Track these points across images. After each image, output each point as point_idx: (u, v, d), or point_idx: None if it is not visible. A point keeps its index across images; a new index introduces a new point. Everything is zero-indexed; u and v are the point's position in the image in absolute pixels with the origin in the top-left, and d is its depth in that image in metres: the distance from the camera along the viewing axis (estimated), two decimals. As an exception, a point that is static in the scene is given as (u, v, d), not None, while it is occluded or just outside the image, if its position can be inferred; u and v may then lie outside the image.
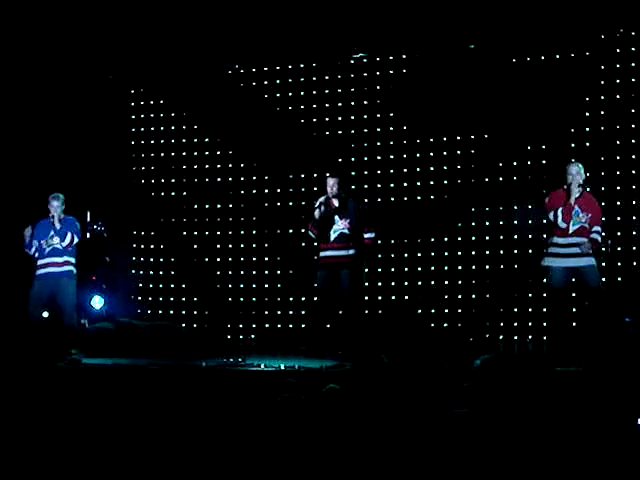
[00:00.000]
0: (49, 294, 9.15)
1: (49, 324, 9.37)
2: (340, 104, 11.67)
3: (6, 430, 5.18)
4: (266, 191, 11.92)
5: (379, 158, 11.45)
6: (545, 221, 8.50)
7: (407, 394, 5.22)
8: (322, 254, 9.16)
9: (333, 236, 9.08)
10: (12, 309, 10.13)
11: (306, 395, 4.77)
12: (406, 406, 4.93)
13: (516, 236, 10.77)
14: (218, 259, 12.06)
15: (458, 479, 4.14)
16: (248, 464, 4.40)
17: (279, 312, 11.70)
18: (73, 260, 9.27)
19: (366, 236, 9.21)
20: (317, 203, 9.10)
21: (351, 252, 9.04)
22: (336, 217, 9.07)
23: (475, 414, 4.41)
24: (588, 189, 8.35)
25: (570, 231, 7.95)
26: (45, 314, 10.09)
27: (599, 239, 8.08)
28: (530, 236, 10.62)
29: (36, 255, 9.23)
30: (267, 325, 11.74)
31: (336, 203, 9.15)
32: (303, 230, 9.45)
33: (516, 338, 10.63)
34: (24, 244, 9.25)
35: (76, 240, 9.23)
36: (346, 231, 9.07)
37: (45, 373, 7.09)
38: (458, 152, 11.09)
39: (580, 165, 8.17)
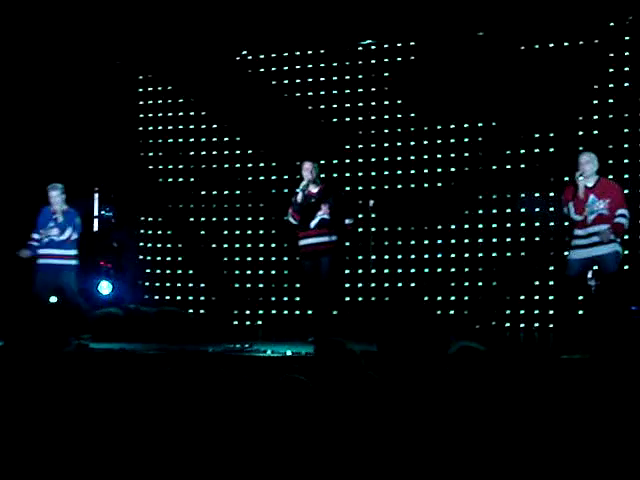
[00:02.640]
0: (52, 283, 9.17)
1: (57, 309, 9.40)
2: (348, 91, 11.67)
3: (12, 414, 5.21)
4: (273, 178, 11.94)
5: (386, 145, 11.45)
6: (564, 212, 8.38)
7: (406, 383, 5.24)
8: (303, 242, 8.98)
9: (313, 223, 8.97)
10: (19, 294, 10.18)
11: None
12: (404, 394, 4.94)
13: (523, 224, 10.78)
14: (225, 245, 12.08)
15: (460, 465, 4.16)
16: (253, 451, 4.42)
17: (286, 298, 11.73)
18: (73, 252, 9.24)
19: (346, 221, 9.13)
20: (300, 188, 8.97)
21: (333, 238, 8.89)
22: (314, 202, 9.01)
23: (477, 402, 4.43)
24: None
25: (589, 221, 7.87)
26: (53, 299, 10.13)
27: (624, 222, 7.86)
28: (537, 223, 10.65)
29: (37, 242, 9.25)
30: (274, 311, 11.77)
31: (314, 189, 9.07)
32: (286, 217, 9.29)
33: (522, 326, 10.64)
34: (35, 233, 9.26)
35: (75, 237, 9.19)
36: (326, 216, 8.97)
37: (52, 358, 7.13)
38: (466, 139, 11.10)
39: (591, 154, 8.06)
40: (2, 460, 4.61)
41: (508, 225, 10.87)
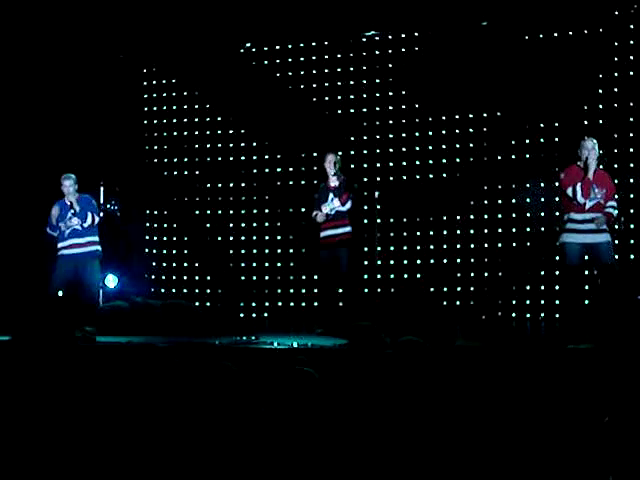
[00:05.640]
0: (73, 273, 9.14)
1: (62, 302, 9.39)
2: (352, 82, 11.66)
3: (20, 407, 5.24)
4: (278, 170, 11.94)
5: (391, 136, 11.43)
6: (558, 198, 8.37)
7: (417, 372, 5.25)
8: (322, 234, 9.15)
9: (331, 215, 9.07)
10: (28, 287, 10.21)
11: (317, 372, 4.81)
12: (414, 384, 4.96)
13: (528, 214, 10.77)
14: (231, 238, 12.09)
15: (468, 454, 4.17)
16: (259, 443, 4.43)
17: (292, 290, 11.75)
18: (96, 239, 9.24)
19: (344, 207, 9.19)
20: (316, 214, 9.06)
21: (347, 229, 9.03)
22: (331, 195, 9.07)
23: (485, 390, 4.44)
24: (601, 166, 8.27)
25: (587, 207, 7.88)
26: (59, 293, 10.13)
27: (614, 213, 7.95)
28: (542, 214, 10.65)
29: (54, 234, 9.21)
30: (280, 303, 11.78)
31: (332, 183, 9.12)
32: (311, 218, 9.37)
33: (529, 316, 10.64)
34: (49, 224, 9.21)
35: (97, 220, 9.18)
36: (342, 208, 9.06)
37: (58, 351, 7.15)
38: (470, 130, 11.08)
39: (595, 140, 8.08)
40: (9, 452, 4.64)
41: (514, 215, 10.86)
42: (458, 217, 11.06)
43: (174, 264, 12.36)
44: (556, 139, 10.69)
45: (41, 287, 9.37)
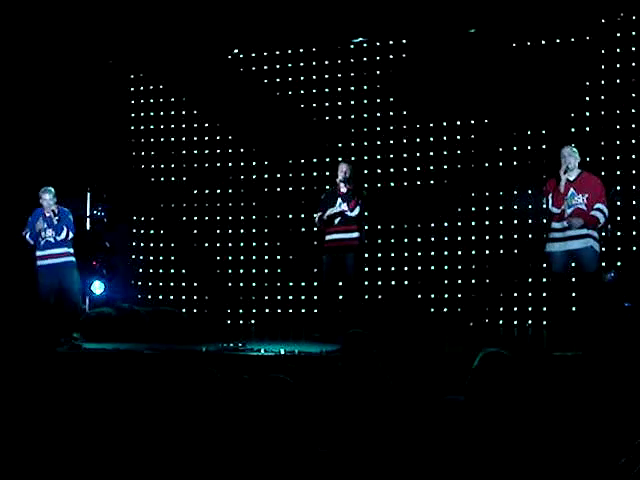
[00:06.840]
0: (57, 283, 9.13)
1: (49, 310, 9.35)
2: (340, 89, 11.66)
3: (7, 413, 5.20)
4: (266, 176, 11.93)
5: (379, 143, 11.44)
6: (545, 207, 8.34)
7: (402, 379, 5.22)
8: (327, 238, 9.14)
9: (337, 219, 9.05)
10: (12, 295, 10.15)
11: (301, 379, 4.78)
12: (400, 392, 4.94)
13: (516, 221, 10.79)
14: (218, 244, 12.07)
15: (454, 465, 4.15)
16: (246, 452, 4.41)
17: (279, 297, 11.73)
18: (71, 250, 9.25)
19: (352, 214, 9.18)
20: (328, 212, 9.01)
21: (355, 235, 9.00)
22: (339, 200, 9.05)
23: (472, 400, 4.41)
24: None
25: (566, 215, 7.84)
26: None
27: (600, 216, 7.70)
28: (530, 221, 10.67)
29: (30, 242, 9.21)
30: (267, 310, 11.77)
31: (342, 189, 9.10)
32: (314, 228, 9.37)
33: (516, 323, 10.65)
34: (30, 231, 9.17)
35: (71, 235, 9.18)
36: (350, 214, 9.04)
37: (45, 358, 7.11)
38: (458, 137, 11.10)
39: (573, 148, 8.00)
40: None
41: (501, 222, 10.88)
42: (446, 224, 11.07)
43: (161, 270, 12.34)
44: (543, 146, 10.71)
45: (23, 294, 9.34)
